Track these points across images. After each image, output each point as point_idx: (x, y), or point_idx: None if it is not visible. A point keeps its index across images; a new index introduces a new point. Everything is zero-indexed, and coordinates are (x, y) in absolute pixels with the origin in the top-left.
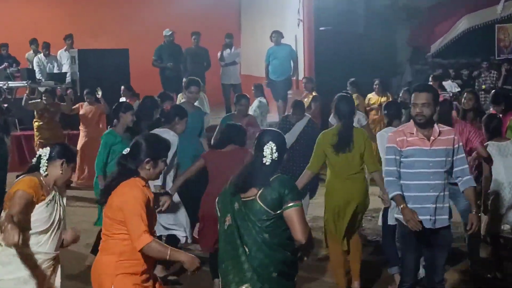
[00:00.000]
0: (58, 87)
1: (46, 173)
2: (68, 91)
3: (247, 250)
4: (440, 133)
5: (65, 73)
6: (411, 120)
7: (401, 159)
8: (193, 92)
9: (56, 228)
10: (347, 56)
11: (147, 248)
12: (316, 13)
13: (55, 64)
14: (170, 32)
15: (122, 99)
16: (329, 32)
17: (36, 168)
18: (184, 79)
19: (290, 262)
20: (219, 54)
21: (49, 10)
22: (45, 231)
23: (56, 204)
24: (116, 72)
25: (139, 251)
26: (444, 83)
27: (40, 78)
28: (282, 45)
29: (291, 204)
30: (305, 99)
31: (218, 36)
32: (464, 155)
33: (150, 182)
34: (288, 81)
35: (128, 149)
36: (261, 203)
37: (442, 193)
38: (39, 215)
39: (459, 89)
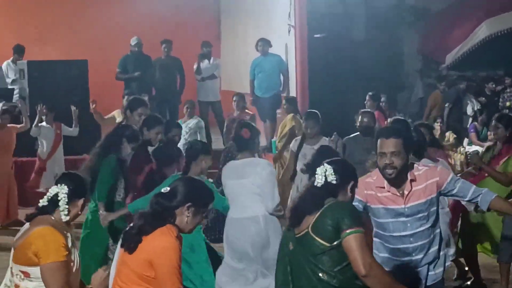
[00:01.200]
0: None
1: (67, 218)
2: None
3: None
4: (415, 181)
5: (12, 89)
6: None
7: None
8: (141, 114)
9: (76, 275)
10: (346, 67)
11: None
12: (310, 18)
13: (2, 76)
14: (137, 41)
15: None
16: (325, 39)
17: (48, 209)
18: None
19: None
20: (195, 66)
21: None
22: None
23: (73, 248)
24: (73, 87)
25: None
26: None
27: None
28: (269, 55)
29: (348, 231)
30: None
31: (193, 45)
32: (462, 179)
33: None
34: (277, 97)
35: (168, 188)
36: (314, 235)
37: (429, 251)
38: None
39: (479, 107)
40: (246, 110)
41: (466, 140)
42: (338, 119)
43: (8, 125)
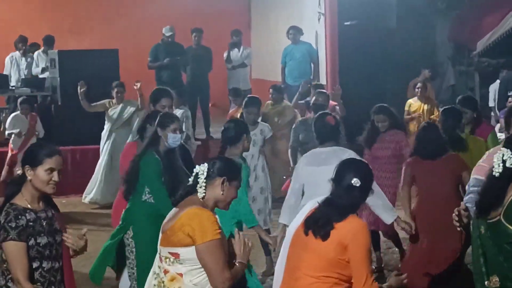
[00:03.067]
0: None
1: (203, 194)
2: None
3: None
4: None
5: (43, 78)
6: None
7: None
8: (165, 106)
9: None
10: (377, 55)
11: None
12: (340, 5)
13: (34, 65)
14: (171, 33)
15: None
16: (356, 27)
17: (193, 189)
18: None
19: None
20: (225, 54)
21: (25, 7)
22: None
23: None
24: (104, 76)
25: None
26: (492, 86)
27: (13, 85)
28: (300, 43)
29: None
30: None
31: (224, 33)
32: None
33: None
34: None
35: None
36: (506, 223)
37: None
38: None
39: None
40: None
41: (497, 126)
42: (370, 108)
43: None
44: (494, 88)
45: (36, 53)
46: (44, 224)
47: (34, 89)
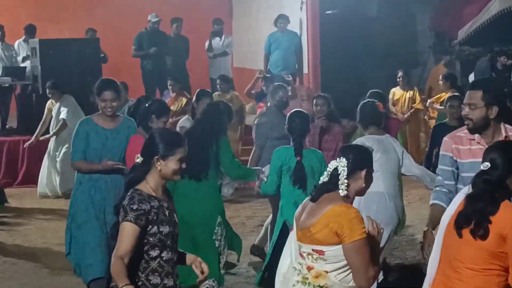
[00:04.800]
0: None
1: (345, 192)
2: None
3: None
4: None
5: (24, 67)
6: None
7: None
8: (106, 100)
9: None
10: (358, 44)
11: None
12: None
13: (12, 54)
14: (157, 19)
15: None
16: (337, 16)
17: (330, 186)
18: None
19: None
20: (206, 43)
21: None
22: None
23: None
24: (85, 65)
25: None
26: (471, 76)
27: None
28: (287, 31)
29: None
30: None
31: (205, 22)
32: None
33: None
34: (292, 76)
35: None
36: None
37: None
38: None
39: None
40: None
41: None
42: (350, 97)
43: None
44: (471, 78)
45: (17, 42)
46: (167, 213)
47: (14, 78)
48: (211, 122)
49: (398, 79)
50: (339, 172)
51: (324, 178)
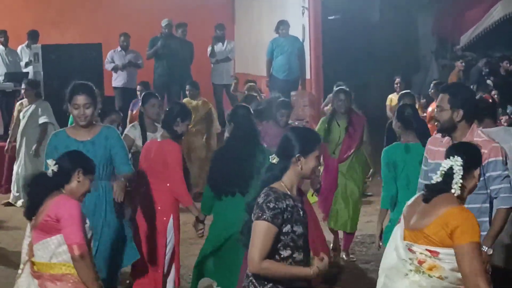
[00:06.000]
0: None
1: (459, 191)
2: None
3: None
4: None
5: (27, 72)
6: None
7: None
8: (79, 105)
9: None
10: (360, 49)
11: None
12: None
13: (16, 59)
14: (168, 22)
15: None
16: (339, 21)
17: (443, 185)
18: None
19: None
20: (209, 49)
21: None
22: None
23: None
24: (87, 71)
25: None
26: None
27: None
28: (289, 36)
29: None
30: None
31: (207, 27)
32: (503, 173)
33: None
34: (296, 81)
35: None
36: None
37: None
38: None
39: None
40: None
41: None
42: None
43: None
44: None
45: (19, 47)
46: (301, 213)
47: (17, 84)
48: (245, 130)
49: (395, 85)
50: (454, 171)
51: (437, 178)
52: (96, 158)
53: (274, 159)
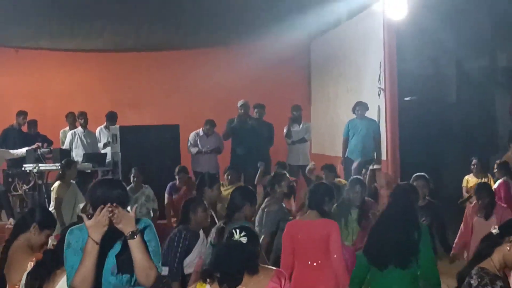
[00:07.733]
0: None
1: None
2: None
3: None
4: None
5: (105, 153)
6: None
7: None
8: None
9: None
10: (437, 130)
11: None
12: (401, 80)
13: (95, 140)
14: (243, 103)
15: None
16: (416, 102)
17: None
18: None
19: None
20: (285, 130)
21: (86, 82)
22: None
23: None
24: (164, 152)
25: None
26: None
27: (76, 159)
28: (365, 118)
29: None
30: None
31: (284, 108)
32: None
33: None
34: (368, 162)
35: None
36: None
37: None
38: None
39: None
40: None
41: None
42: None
43: None
44: None
45: (98, 129)
46: None
47: (95, 164)
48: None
49: (472, 166)
50: None
51: None
52: None
53: (494, 229)
